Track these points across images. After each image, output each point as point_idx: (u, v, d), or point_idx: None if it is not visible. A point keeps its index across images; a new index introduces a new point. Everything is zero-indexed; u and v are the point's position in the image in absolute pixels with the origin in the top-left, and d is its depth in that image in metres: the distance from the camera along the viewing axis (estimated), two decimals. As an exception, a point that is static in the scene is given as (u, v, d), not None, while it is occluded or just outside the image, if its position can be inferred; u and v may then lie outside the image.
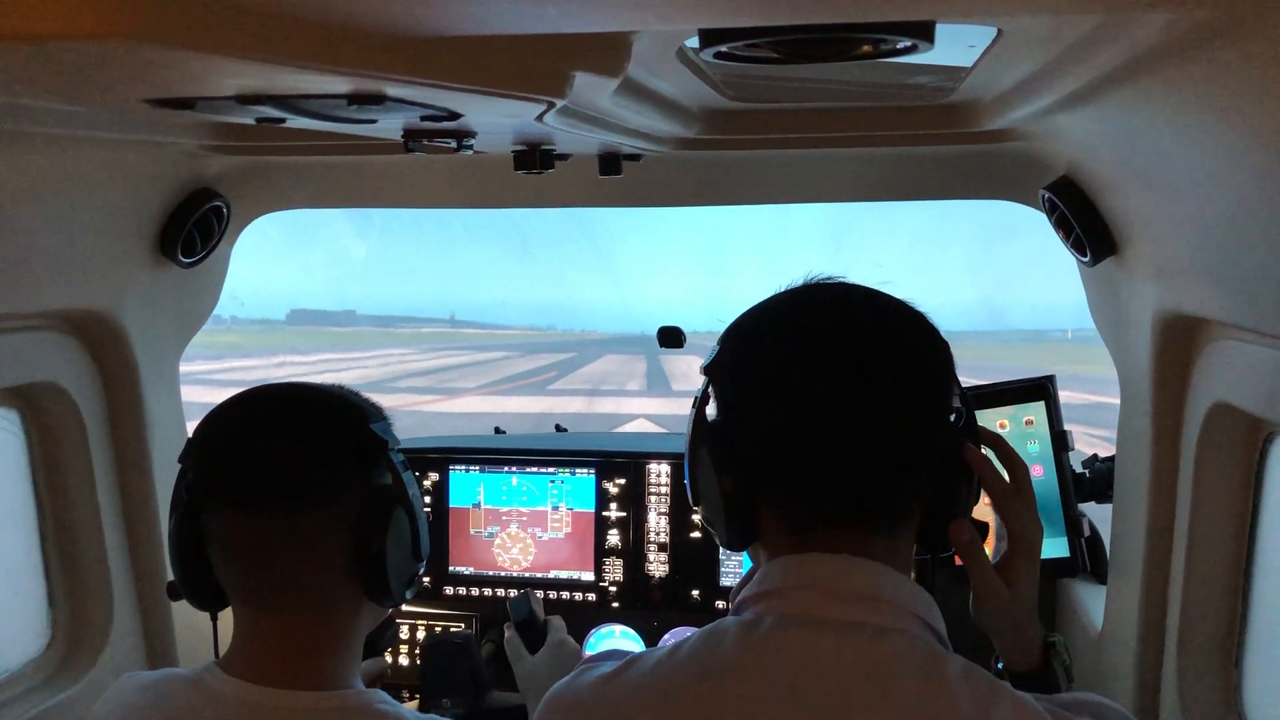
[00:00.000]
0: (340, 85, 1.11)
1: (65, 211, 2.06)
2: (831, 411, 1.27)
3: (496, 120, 1.50)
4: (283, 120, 1.31)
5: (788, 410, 1.29)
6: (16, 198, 1.91)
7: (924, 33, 0.99)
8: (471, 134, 1.58)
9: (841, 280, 1.39)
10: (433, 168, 2.61)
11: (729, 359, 1.37)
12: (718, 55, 1.02)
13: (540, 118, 1.41)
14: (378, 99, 1.15)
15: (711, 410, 1.39)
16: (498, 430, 3.67)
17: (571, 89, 1.28)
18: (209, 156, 2.35)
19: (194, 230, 2.44)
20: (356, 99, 1.15)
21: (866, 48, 1.02)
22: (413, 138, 1.55)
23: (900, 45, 1.01)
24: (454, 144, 1.60)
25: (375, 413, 1.63)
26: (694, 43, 1.43)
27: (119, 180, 2.19)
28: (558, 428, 3.78)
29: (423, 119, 1.34)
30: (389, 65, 1.06)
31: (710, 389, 1.40)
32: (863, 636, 1.23)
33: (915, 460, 1.30)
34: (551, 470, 2.96)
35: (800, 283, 1.39)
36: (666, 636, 2.90)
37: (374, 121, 1.36)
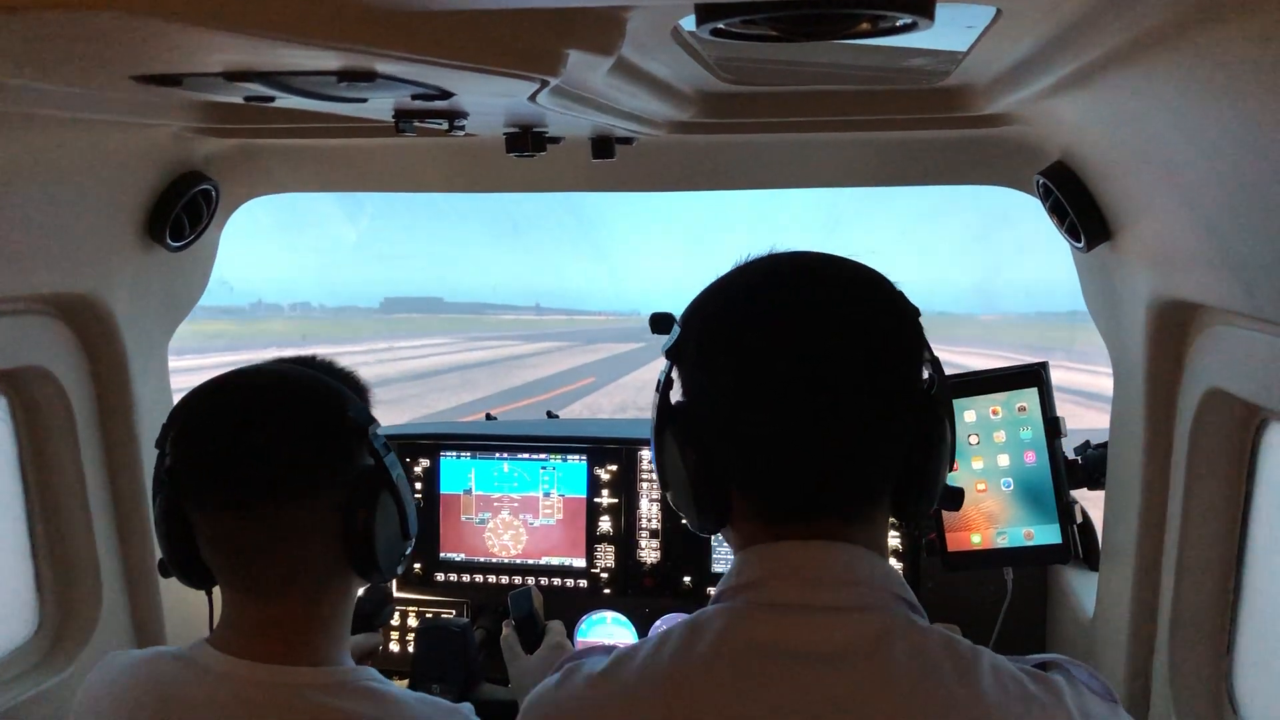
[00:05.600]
0: (330, 61, 1.09)
1: (52, 194, 2.04)
2: (792, 399, 1.24)
3: (489, 100, 1.48)
4: (271, 99, 1.29)
5: (746, 398, 1.26)
6: (1, 179, 1.89)
7: (923, 9, 0.98)
8: (463, 115, 1.56)
9: (799, 251, 1.35)
10: (424, 151, 2.59)
11: (687, 342, 1.34)
12: (714, 33, 1.00)
13: (533, 97, 1.40)
14: (368, 76, 1.13)
15: (676, 394, 1.36)
16: (489, 416, 3.66)
17: (565, 67, 1.26)
18: (197, 139, 2.33)
19: (182, 214, 2.42)
20: (346, 76, 1.13)
21: (865, 25, 1.01)
22: (404, 118, 1.53)
23: (900, 23, 1.00)
24: (445, 125, 1.58)
25: (352, 393, 1.63)
26: (689, 23, 1.41)
27: (106, 162, 2.17)
28: (549, 414, 3.77)
29: (414, 98, 1.32)
30: (379, 40, 1.04)
31: (672, 373, 1.37)
32: (845, 616, 1.23)
33: (886, 441, 1.28)
34: (543, 456, 2.95)
35: (757, 256, 1.36)
36: (658, 623, 2.89)
37: (364, 100, 1.35)
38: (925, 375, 1.33)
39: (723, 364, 1.29)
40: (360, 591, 1.73)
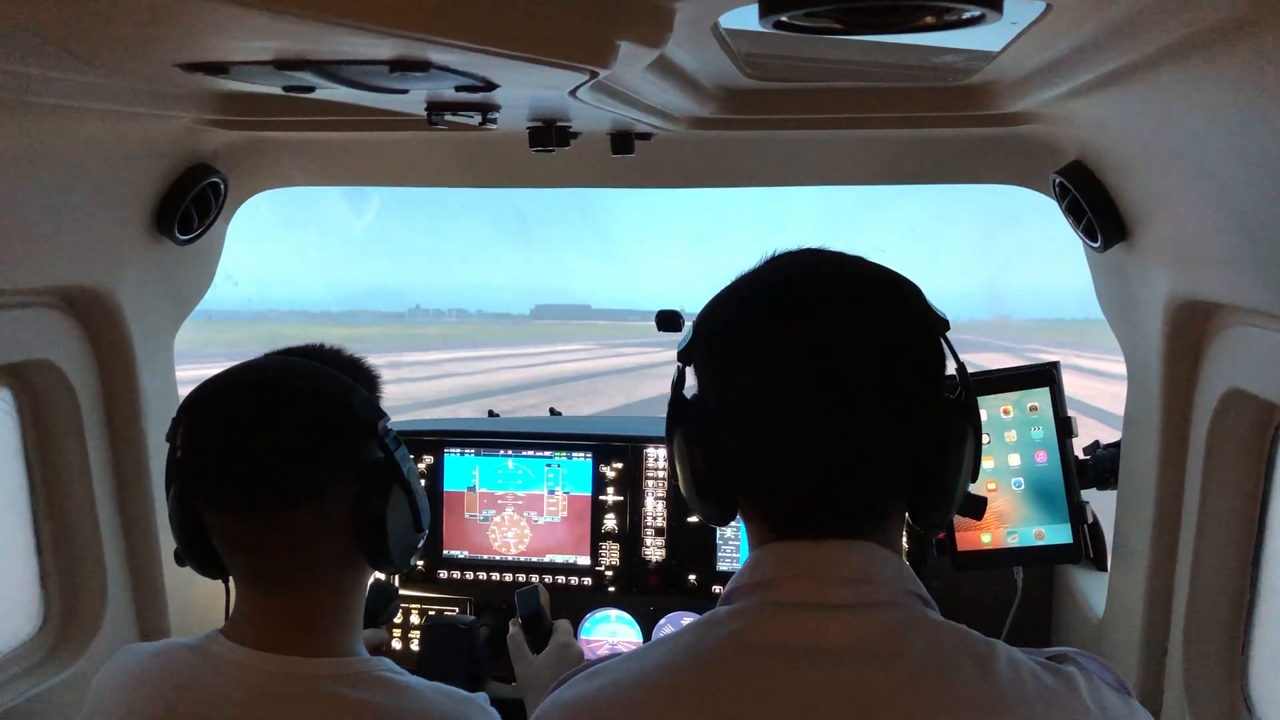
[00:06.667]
0: (385, 49, 1.08)
1: (61, 185, 2.02)
2: (804, 394, 1.23)
3: (529, 93, 1.47)
4: (311, 89, 1.27)
5: (760, 395, 1.26)
6: (10, 170, 1.87)
7: (992, 1, 0.97)
8: (496, 108, 1.55)
9: (817, 249, 1.34)
10: (435, 145, 2.57)
11: (699, 347, 1.34)
12: (776, 25, 0.99)
13: (575, 90, 1.38)
14: (422, 66, 1.12)
15: (689, 392, 1.36)
16: (491, 414, 3.64)
17: (616, 60, 1.25)
18: (207, 131, 2.31)
19: (191, 207, 2.40)
20: (400, 65, 1.12)
21: (930, 18, 1.00)
22: (436, 111, 1.52)
23: (967, 15, 0.99)
24: (478, 119, 1.57)
25: (362, 388, 1.62)
26: (727, 21, 1.41)
27: (116, 154, 2.15)
28: (552, 411, 3.75)
29: (457, 89, 1.31)
30: (435, 27, 1.02)
31: (685, 373, 1.37)
32: (859, 613, 1.23)
33: (900, 441, 1.27)
34: (548, 454, 2.93)
35: (771, 256, 1.35)
36: (662, 621, 2.89)
37: (405, 92, 1.33)
38: (949, 383, 1.32)
39: (737, 363, 1.29)
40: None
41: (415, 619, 2.96)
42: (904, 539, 2.67)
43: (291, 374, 1.58)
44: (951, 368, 1.34)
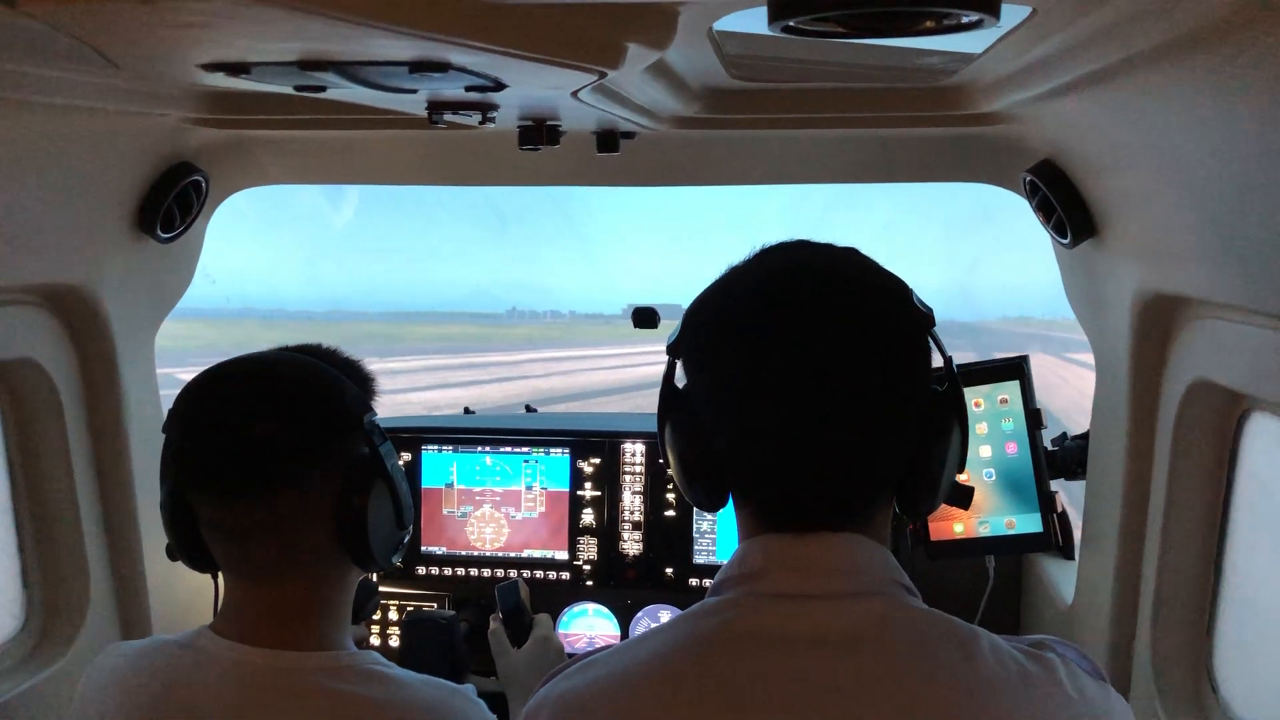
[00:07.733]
0: (408, 51, 1.10)
1: (43, 183, 2.02)
2: (790, 403, 1.25)
3: (534, 93, 1.50)
4: (323, 89, 1.30)
5: (751, 388, 1.27)
6: None
7: (990, 7, 1.01)
8: (496, 107, 1.57)
9: (804, 242, 1.36)
10: (419, 144, 2.59)
11: (687, 340, 1.35)
12: (785, 30, 1.03)
13: (578, 92, 1.41)
14: (442, 67, 1.15)
15: (680, 384, 1.38)
16: (467, 410, 3.66)
17: (624, 61, 1.28)
18: (189, 129, 2.31)
19: (173, 205, 2.40)
20: (420, 66, 1.14)
21: (930, 23, 1.04)
22: (437, 110, 1.54)
23: (965, 19, 1.03)
24: (478, 118, 1.59)
25: (350, 382, 1.63)
26: (720, 24, 1.44)
27: (99, 152, 2.15)
28: (527, 408, 3.77)
29: (467, 89, 1.33)
30: (456, 28, 1.05)
31: (675, 365, 1.39)
32: (847, 603, 1.25)
33: (893, 435, 1.29)
34: (525, 450, 2.96)
35: (760, 249, 1.36)
36: (640, 615, 2.92)
37: (414, 91, 1.36)
38: (937, 375, 1.35)
39: (726, 354, 1.30)
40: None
41: (394, 615, 2.97)
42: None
43: (281, 364, 1.60)
44: (937, 360, 1.36)
